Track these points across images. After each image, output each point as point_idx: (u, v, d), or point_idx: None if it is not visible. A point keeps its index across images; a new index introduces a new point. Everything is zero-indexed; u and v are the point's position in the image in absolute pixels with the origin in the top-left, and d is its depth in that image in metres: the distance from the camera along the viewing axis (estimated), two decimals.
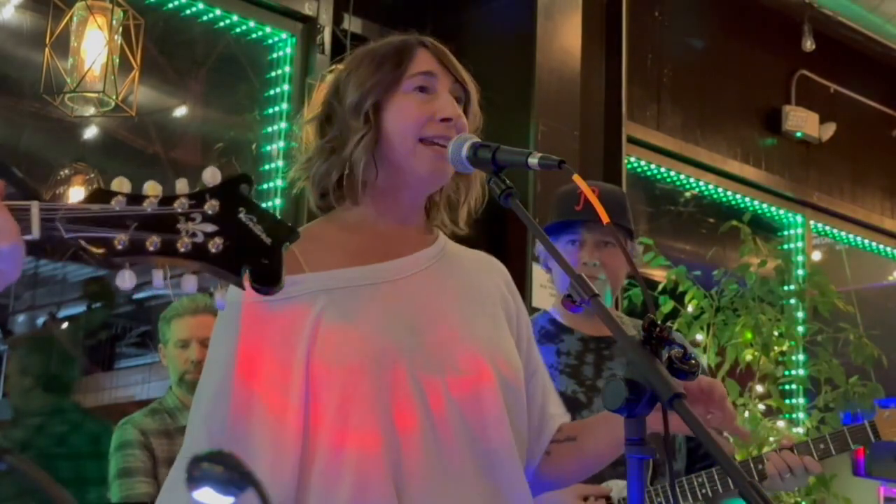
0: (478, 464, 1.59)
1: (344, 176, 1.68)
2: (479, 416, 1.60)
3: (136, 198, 1.03)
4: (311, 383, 1.55)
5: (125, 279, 1.03)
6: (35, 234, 1.00)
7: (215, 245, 1.03)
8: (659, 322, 1.32)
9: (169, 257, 1.02)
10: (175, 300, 3.38)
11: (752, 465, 2.53)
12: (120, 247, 1.01)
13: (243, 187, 1.06)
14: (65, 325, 5.98)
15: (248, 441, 1.53)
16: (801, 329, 5.12)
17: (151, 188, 1.04)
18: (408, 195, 1.70)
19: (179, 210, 1.03)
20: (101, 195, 1.02)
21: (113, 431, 3.49)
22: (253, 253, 1.04)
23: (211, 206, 1.04)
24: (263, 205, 1.07)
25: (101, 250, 1.01)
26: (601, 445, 1.72)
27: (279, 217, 1.06)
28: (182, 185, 1.05)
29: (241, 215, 1.05)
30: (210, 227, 1.03)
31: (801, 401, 5.30)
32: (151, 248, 1.01)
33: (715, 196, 5.70)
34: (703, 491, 2.52)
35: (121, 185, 1.04)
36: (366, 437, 1.53)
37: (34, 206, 1.01)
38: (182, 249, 1.02)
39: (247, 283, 1.04)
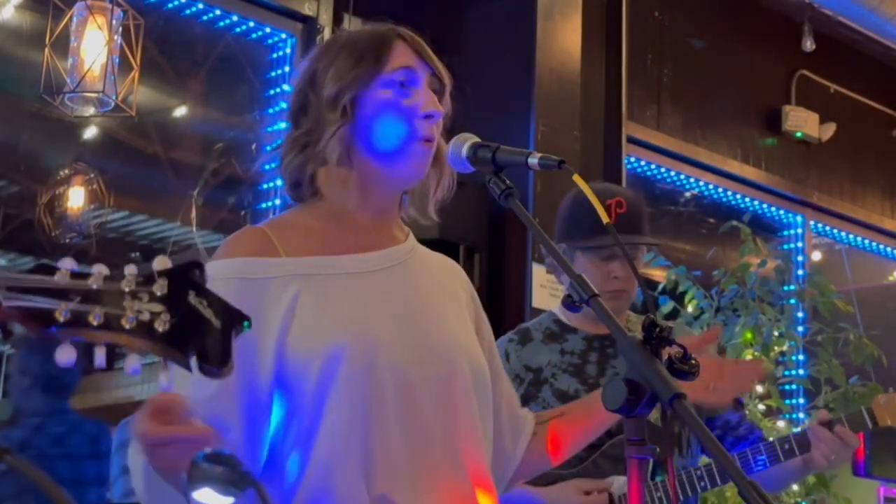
0: (446, 454, 1.60)
1: (319, 168, 1.67)
2: (451, 410, 1.61)
3: (81, 274, 1.00)
4: (285, 366, 1.54)
5: (63, 354, 0.99)
6: None
7: (162, 324, 1.01)
8: (659, 322, 1.32)
9: (112, 332, 0.99)
10: None
11: (793, 442, 2.50)
12: (62, 318, 0.97)
13: (195, 273, 1.04)
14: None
15: (224, 414, 1.51)
16: (801, 329, 5.11)
17: (98, 269, 1.01)
18: (386, 189, 1.70)
19: (126, 288, 1.00)
20: (46, 269, 0.99)
21: (111, 432, 3.50)
22: (201, 335, 1.02)
23: (159, 286, 1.02)
24: (212, 291, 1.05)
25: (41, 321, 0.97)
26: (595, 415, 1.79)
27: (233, 306, 1.05)
28: (130, 270, 1.02)
29: (191, 298, 1.03)
30: (157, 307, 1.01)
31: (801, 401, 5.30)
32: (94, 322, 0.98)
33: (715, 196, 5.70)
34: (703, 484, 2.52)
35: (63, 262, 1.00)
36: (340, 422, 1.53)
37: None
38: (126, 326, 0.99)
39: (194, 366, 1.03)
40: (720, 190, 5.66)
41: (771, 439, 2.56)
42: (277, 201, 4.28)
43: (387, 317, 1.61)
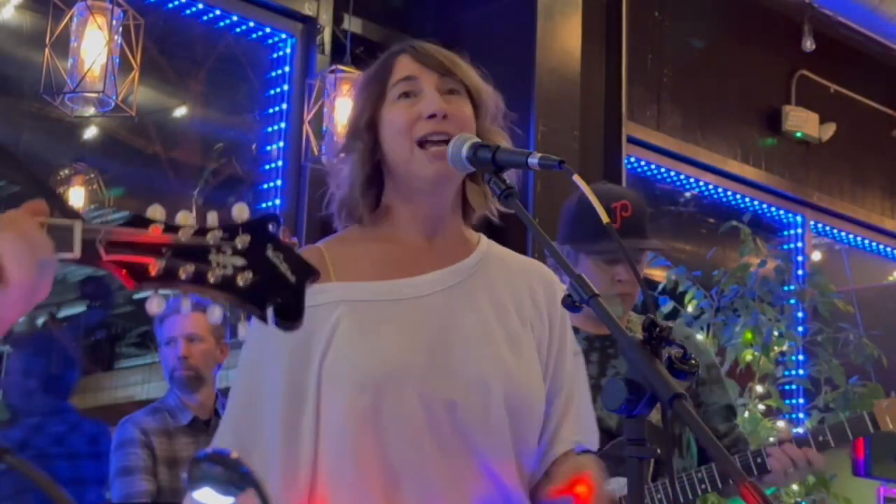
0: (479, 488, 1.58)
1: (361, 195, 1.70)
2: (484, 440, 1.59)
3: (171, 227, 1.05)
4: (321, 391, 1.57)
5: (154, 304, 1.05)
6: (76, 253, 1.02)
7: (244, 279, 1.05)
8: (659, 322, 1.31)
9: (199, 287, 1.04)
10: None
11: (751, 459, 2.52)
12: (155, 273, 1.03)
13: (272, 225, 1.08)
14: (64, 325, 5.98)
15: (264, 447, 1.56)
16: (801, 329, 5.11)
17: (183, 218, 1.06)
18: (421, 203, 1.70)
19: (212, 242, 1.05)
20: (138, 221, 1.04)
21: (111, 432, 3.49)
22: (278, 289, 1.06)
23: (242, 240, 1.06)
24: (289, 246, 1.10)
25: (137, 275, 1.03)
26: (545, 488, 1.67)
27: (303, 257, 1.09)
28: (213, 219, 1.07)
29: (269, 252, 1.07)
30: (240, 261, 1.06)
31: (801, 401, 5.30)
32: (184, 277, 1.03)
33: (715, 196, 5.70)
34: (703, 486, 2.51)
35: (154, 212, 1.06)
36: (364, 456, 1.54)
37: (77, 226, 1.02)
38: (212, 280, 1.04)
39: (270, 319, 1.06)
40: (720, 190, 5.65)
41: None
42: (277, 201, 4.28)
43: (420, 346, 1.61)
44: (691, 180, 5.54)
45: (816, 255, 6.13)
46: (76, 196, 4.35)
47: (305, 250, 1.69)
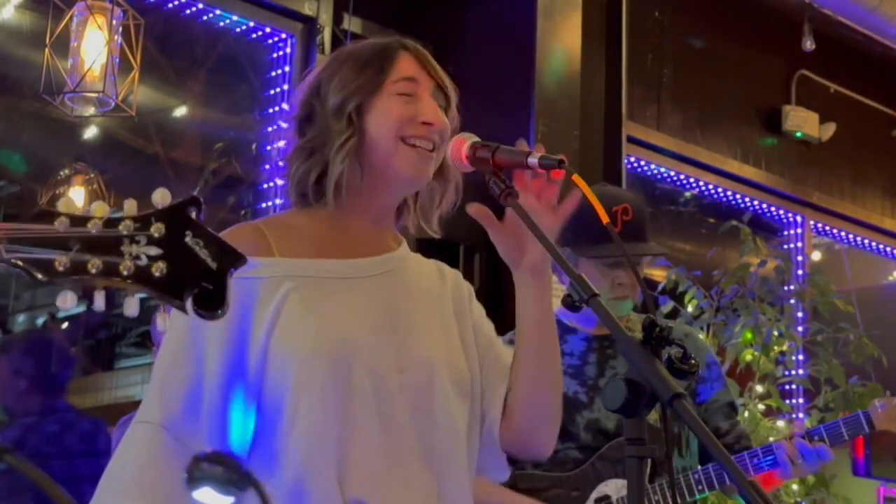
0: (423, 461, 1.61)
1: (322, 175, 1.69)
2: (429, 418, 1.62)
3: (80, 219, 1.02)
4: (267, 365, 1.57)
5: (66, 300, 1.02)
6: None
7: (158, 269, 1.02)
8: (659, 322, 1.31)
9: (111, 279, 1.01)
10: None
11: (760, 454, 2.52)
12: (61, 269, 1.00)
13: (192, 210, 1.05)
14: (65, 324, 5.98)
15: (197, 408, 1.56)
16: (800, 329, 5.11)
17: (99, 209, 1.03)
18: (385, 196, 1.72)
19: (124, 233, 1.02)
20: (45, 216, 1.01)
21: (109, 430, 3.49)
22: (197, 277, 1.04)
23: (157, 228, 1.03)
24: (210, 229, 1.07)
25: (40, 272, 1.00)
26: (522, 340, 1.69)
27: (227, 242, 1.06)
28: (130, 207, 1.04)
29: (188, 239, 1.04)
30: (154, 251, 1.02)
31: (801, 401, 5.30)
32: (93, 271, 1.00)
33: (715, 196, 5.70)
34: (700, 487, 2.52)
35: (67, 205, 1.02)
36: (314, 425, 1.55)
37: None
38: (125, 273, 1.01)
39: (190, 309, 1.04)
40: (720, 190, 5.65)
41: (744, 454, 2.56)
42: (278, 201, 4.28)
43: (368, 323, 1.63)
44: (691, 180, 5.54)
45: (816, 255, 6.14)
46: (76, 196, 4.35)
47: (241, 227, 1.70)
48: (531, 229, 1.50)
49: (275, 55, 4.45)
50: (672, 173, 5.44)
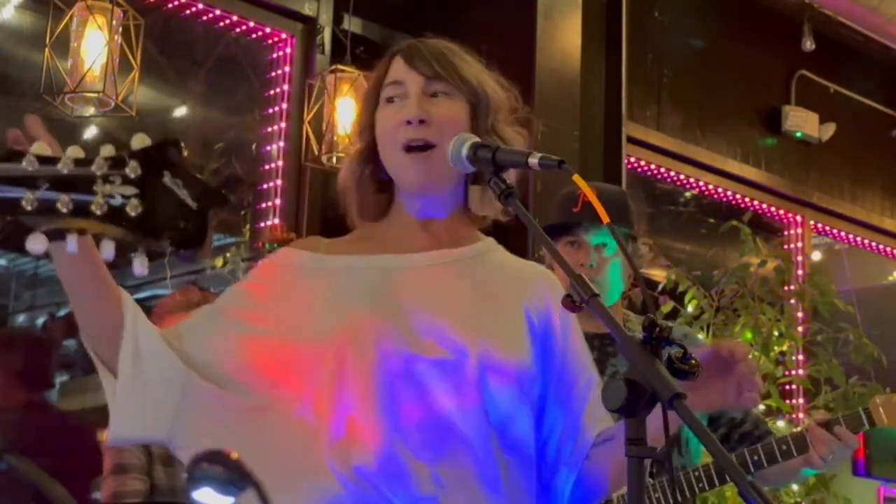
0: (432, 438, 1.57)
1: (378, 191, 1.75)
2: (449, 397, 1.58)
3: (50, 159, 0.96)
4: (288, 353, 1.62)
5: (35, 242, 0.96)
6: None
7: (133, 208, 0.97)
8: (659, 322, 1.31)
9: (83, 219, 0.96)
10: (169, 296, 3.36)
11: (791, 443, 2.50)
12: (29, 208, 0.94)
13: (171, 151, 1.00)
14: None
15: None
16: (801, 329, 5.11)
17: (72, 151, 0.98)
18: (415, 204, 1.72)
19: (98, 172, 0.96)
20: (13, 155, 0.95)
21: (95, 430, 3.49)
22: (175, 217, 0.99)
23: (132, 168, 0.98)
24: (194, 173, 1.02)
25: (7, 212, 0.94)
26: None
27: (212, 185, 1.02)
28: (107, 150, 0.99)
29: (166, 179, 0.99)
30: (130, 190, 0.97)
31: (801, 401, 5.30)
32: (64, 210, 0.95)
33: (715, 196, 5.70)
34: (700, 485, 2.52)
35: (40, 148, 0.97)
36: (321, 403, 1.58)
37: None
38: (97, 212, 0.95)
39: (168, 250, 1.00)
40: (720, 190, 5.65)
41: (770, 439, 2.56)
42: (278, 201, 4.28)
43: (395, 308, 1.62)
44: (691, 180, 5.54)
45: (816, 255, 6.13)
46: None
47: (312, 236, 1.82)
48: (530, 228, 1.50)
49: (275, 55, 4.45)
50: (672, 173, 5.44)
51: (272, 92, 4.43)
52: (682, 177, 5.48)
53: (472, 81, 1.73)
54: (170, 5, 4.20)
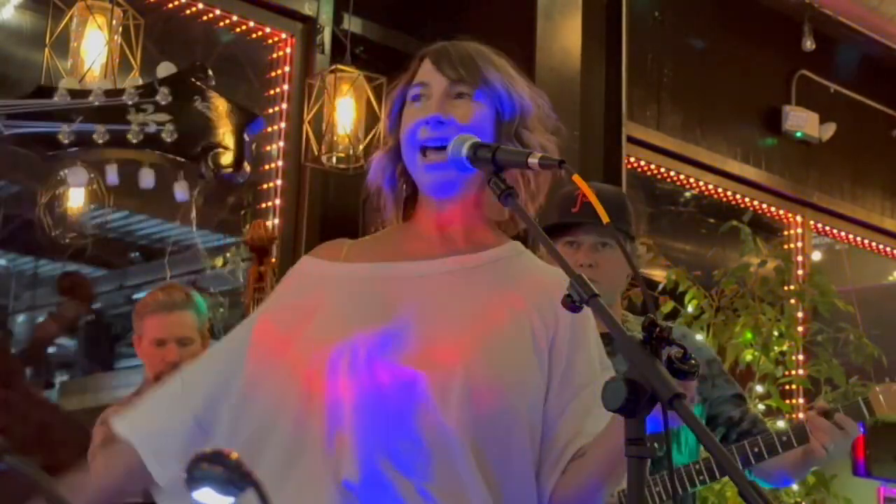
0: (418, 453, 1.55)
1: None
2: (437, 412, 1.54)
3: (81, 92, 0.96)
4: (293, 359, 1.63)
5: (77, 175, 0.97)
6: None
7: (169, 134, 0.97)
8: (659, 322, 1.31)
9: (121, 149, 0.96)
10: (149, 294, 3.33)
11: (791, 434, 2.50)
12: (66, 140, 0.94)
13: (199, 77, 1.01)
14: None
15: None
16: (800, 329, 5.11)
17: (99, 85, 0.98)
18: (433, 204, 1.71)
19: (129, 102, 0.97)
20: (43, 91, 0.95)
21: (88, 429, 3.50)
22: (213, 137, 0.99)
23: (163, 95, 0.99)
24: (220, 96, 1.02)
25: (46, 147, 0.93)
26: (598, 454, 1.57)
27: (241, 105, 1.02)
28: (132, 83, 1.00)
29: (197, 103, 1.00)
30: (163, 117, 0.98)
31: (801, 401, 5.30)
32: (100, 141, 0.95)
33: (715, 196, 5.70)
34: (701, 478, 2.52)
35: (67, 82, 0.97)
36: (315, 417, 1.57)
37: None
38: (133, 141, 0.96)
39: (206, 172, 1.00)
40: (720, 190, 5.65)
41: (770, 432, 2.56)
42: (278, 201, 4.28)
43: (391, 318, 1.61)
44: (691, 180, 5.54)
45: (816, 255, 6.13)
46: (76, 196, 4.35)
47: (336, 240, 1.81)
48: (530, 228, 1.50)
49: (275, 55, 4.45)
50: (672, 173, 5.44)
51: (272, 92, 4.43)
52: (682, 177, 5.49)
53: (497, 85, 1.71)
54: (170, 5, 4.20)
